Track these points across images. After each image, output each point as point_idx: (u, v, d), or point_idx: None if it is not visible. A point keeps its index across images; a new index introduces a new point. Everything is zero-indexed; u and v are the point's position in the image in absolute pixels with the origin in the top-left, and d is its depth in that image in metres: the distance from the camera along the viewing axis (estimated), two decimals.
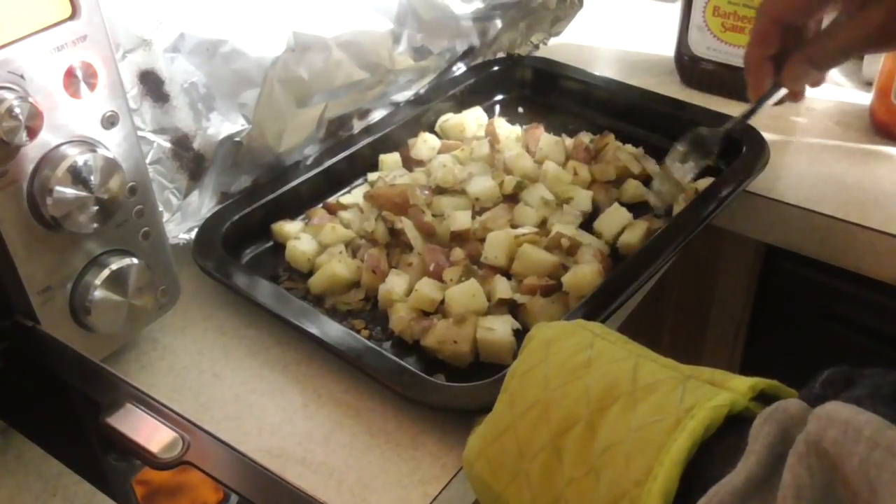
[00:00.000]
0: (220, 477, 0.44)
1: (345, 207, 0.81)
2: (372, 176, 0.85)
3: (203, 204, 0.77)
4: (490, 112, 0.97)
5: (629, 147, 0.86)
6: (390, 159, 0.87)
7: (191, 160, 0.72)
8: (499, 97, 1.00)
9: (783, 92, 0.73)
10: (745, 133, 0.83)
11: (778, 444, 0.36)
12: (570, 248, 0.72)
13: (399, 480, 0.58)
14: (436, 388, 0.61)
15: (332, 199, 0.83)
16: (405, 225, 0.74)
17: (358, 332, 0.68)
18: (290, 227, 0.79)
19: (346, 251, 0.75)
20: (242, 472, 0.45)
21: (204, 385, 0.65)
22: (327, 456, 0.59)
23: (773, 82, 0.72)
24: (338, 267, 0.73)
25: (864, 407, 0.33)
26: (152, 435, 0.46)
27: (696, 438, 0.39)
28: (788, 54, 0.70)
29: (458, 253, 0.72)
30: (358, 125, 0.89)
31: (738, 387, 0.42)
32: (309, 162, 0.84)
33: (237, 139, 0.75)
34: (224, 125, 0.74)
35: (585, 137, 0.88)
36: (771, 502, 0.34)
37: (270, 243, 0.80)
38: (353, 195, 0.84)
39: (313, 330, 0.65)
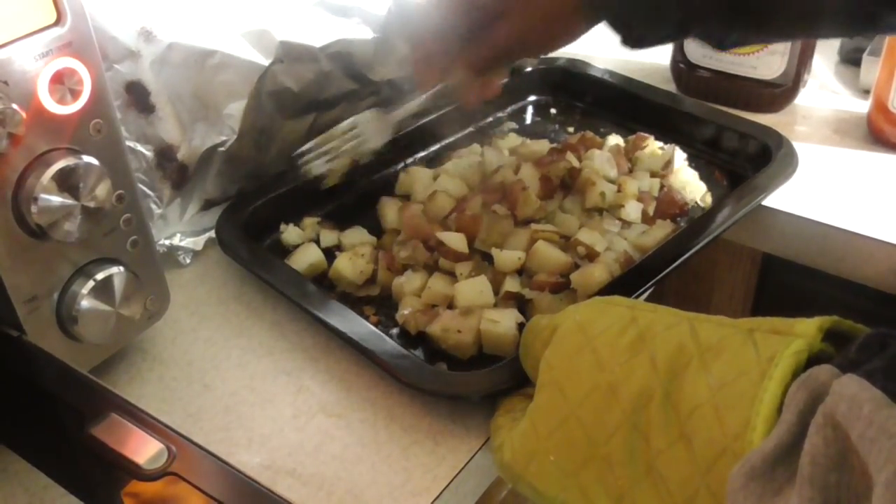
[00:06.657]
0: (206, 488, 0.44)
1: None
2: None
3: (186, 211, 0.76)
4: (522, 113, 0.98)
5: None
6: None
7: (174, 170, 0.72)
8: (532, 98, 1.00)
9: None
10: (775, 142, 0.83)
11: (808, 411, 0.37)
12: (588, 255, 0.71)
13: (390, 492, 0.57)
14: (434, 374, 0.62)
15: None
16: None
17: (367, 318, 0.68)
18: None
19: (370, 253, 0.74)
20: (229, 484, 0.44)
21: (194, 396, 0.65)
22: (317, 467, 0.59)
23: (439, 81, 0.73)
24: (346, 265, 0.72)
25: (875, 380, 0.34)
26: (138, 446, 0.46)
27: (785, 385, 0.40)
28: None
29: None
30: None
31: (805, 331, 0.43)
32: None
33: (222, 149, 0.74)
34: (209, 136, 0.73)
35: (613, 140, 0.87)
36: (796, 468, 0.36)
37: None
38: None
39: (319, 313, 0.65)
